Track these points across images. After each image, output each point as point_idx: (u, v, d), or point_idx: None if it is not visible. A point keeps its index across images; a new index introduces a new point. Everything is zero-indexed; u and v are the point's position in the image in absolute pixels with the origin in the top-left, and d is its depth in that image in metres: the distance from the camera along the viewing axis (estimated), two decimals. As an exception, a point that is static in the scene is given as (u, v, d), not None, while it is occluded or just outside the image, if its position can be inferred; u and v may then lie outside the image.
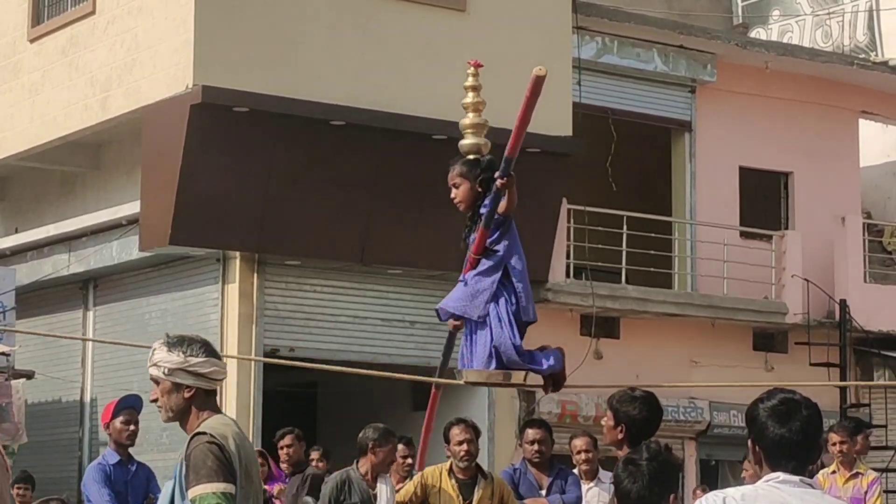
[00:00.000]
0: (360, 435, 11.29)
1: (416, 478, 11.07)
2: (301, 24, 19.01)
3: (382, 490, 10.91)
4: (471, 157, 8.24)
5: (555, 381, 8.44)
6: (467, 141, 8.35)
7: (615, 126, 22.31)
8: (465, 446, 10.84)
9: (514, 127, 7.82)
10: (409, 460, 12.92)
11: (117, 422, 11.57)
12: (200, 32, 18.44)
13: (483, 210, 7.97)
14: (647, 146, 23.21)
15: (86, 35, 20.51)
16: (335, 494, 10.92)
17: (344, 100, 18.90)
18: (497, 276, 8.02)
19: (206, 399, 6.05)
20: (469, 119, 8.43)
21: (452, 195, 8.20)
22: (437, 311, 8.25)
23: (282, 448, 14.68)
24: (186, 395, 5.88)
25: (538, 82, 7.88)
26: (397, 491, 11.09)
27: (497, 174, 7.81)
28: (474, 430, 11.13)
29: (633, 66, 22.57)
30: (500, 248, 7.96)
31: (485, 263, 8.04)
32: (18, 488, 15.08)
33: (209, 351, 6.10)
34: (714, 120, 23.23)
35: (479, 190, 8.07)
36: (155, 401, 6.15)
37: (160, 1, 19.11)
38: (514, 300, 8.05)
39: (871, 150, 25.31)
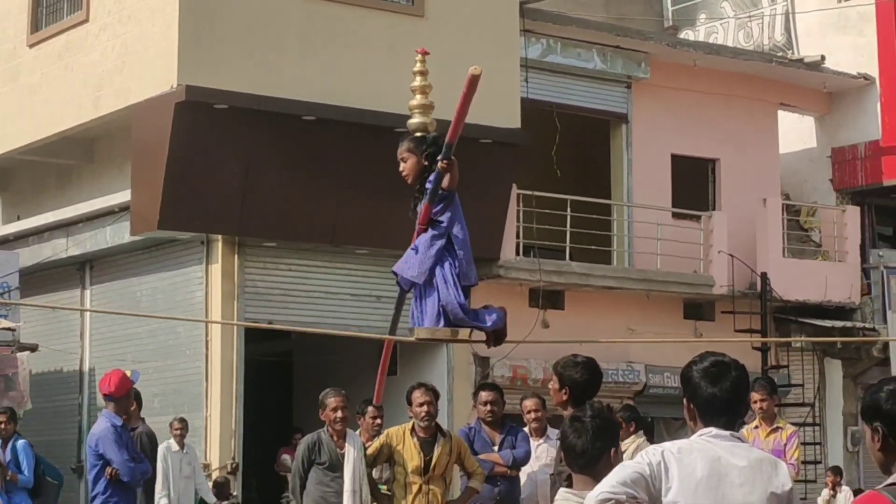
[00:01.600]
0: (322, 396, 11.38)
1: (382, 437, 11.09)
2: (275, 30, 18.97)
3: (350, 451, 10.91)
4: (418, 134, 8.28)
5: (497, 336, 8.42)
6: (415, 120, 8.39)
7: (559, 119, 22.29)
8: (425, 408, 10.85)
9: (454, 116, 7.79)
10: (378, 421, 12.92)
11: (125, 391, 11.62)
12: (184, 37, 18.38)
13: (429, 185, 8.06)
14: (587, 137, 23.22)
15: (80, 40, 20.42)
16: (307, 454, 10.94)
17: (315, 97, 18.88)
18: (441, 243, 8.04)
19: None
20: (416, 100, 8.44)
21: (401, 168, 8.26)
22: (393, 272, 8.35)
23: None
24: None
25: (474, 80, 7.93)
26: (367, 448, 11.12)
27: (439, 157, 7.86)
28: (434, 393, 11.12)
29: (574, 65, 22.56)
30: (444, 219, 7.98)
31: (430, 233, 8.07)
32: None
33: None
34: (648, 113, 23.26)
35: (426, 164, 8.12)
36: None
37: (147, 9, 19.03)
38: (456, 265, 8.07)
39: (789, 139, 25.38)
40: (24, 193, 23.08)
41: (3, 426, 14.01)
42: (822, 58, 25.30)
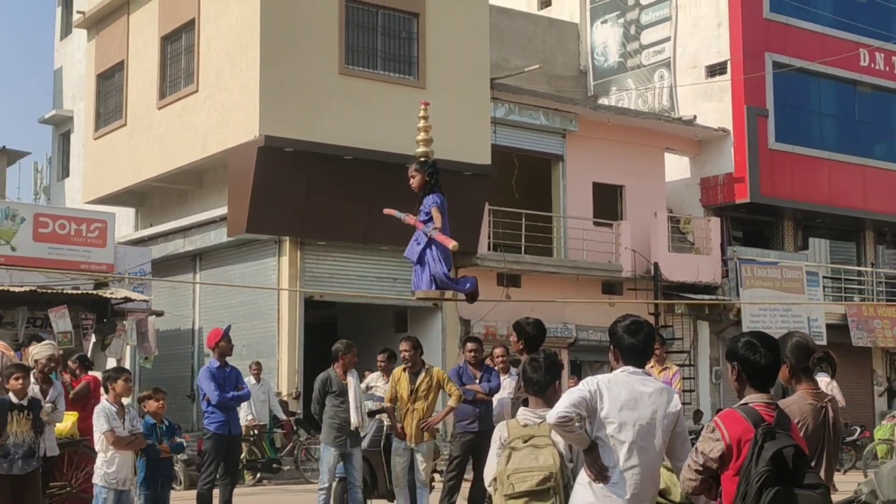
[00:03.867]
0: (333, 348, 11.19)
1: (391, 379, 11.09)
2: (324, 96, 19.00)
3: (351, 381, 10.84)
4: (422, 158, 8.52)
5: (472, 295, 8.72)
6: (420, 149, 8.64)
7: (517, 158, 22.38)
8: (406, 353, 10.86)
9: (438, 238, 8.28)
10: (383, 364, 12.80)
11: (222, 342, 11.64)
12: (263, 102, 18.43)
13: (427, 200, 8.39)
14: (536, 171, 23.21)
15: (192, 104, 20.45)
16: (321, 387, 10.90)
17: (351, 143, 18.90)
18: (425, 239, 8.33)
19: None
20: (421, 136, 8.71)
21: (410, 182, 8.47)
22: (405, 256, 8.57)
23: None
24: None
25: (454, 250, 8.31)
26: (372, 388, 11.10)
27: (433, 228, 8.27)
28: (413, 343, 11.00)
29: (527, 122, 22.57)
30: (431, 225, 8.30)
31: (422, 231, 8.38)
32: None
33: None
34: (577, 154, 23.25)
35: (426, 179, 8.40)
36: None
37: (238, 83, 19.06)
38: (439, 252, 8.32)
39: (672, 171, 25.38)
40: (154, 208, 23.09)
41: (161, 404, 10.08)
42: (694, 117, 25.36)
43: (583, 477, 4.92)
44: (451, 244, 8.29)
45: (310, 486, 15.48)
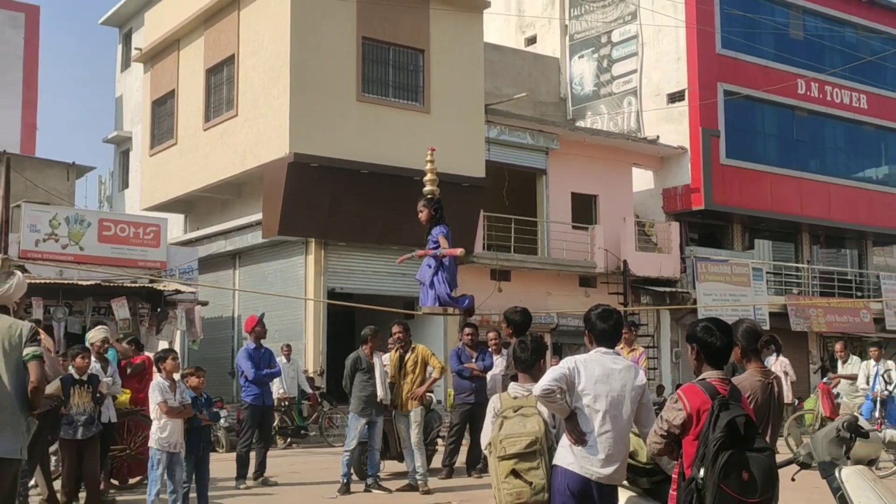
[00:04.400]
0: (362, 332, 11.17)
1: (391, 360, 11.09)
2: (344, 119, 19.00)
3: (377, 362, 10.82)
4: (429, 196, 8.79)
5: (468, 312, 9.21)
6: (427, 188, 8.87)
7: (507, 172, 22.40)
8: (398, 335, 10.94)
9: (447, 252, 8.61)
10: (399, 336, 12.83)
11: (258, 327, 11.62)
12: (292, 125, 18.40)
13: (434, 231, 8.72)
14: (523, 182, 23.21)
15: (232, 127, 20.43)
16: (352, 365, 10.90)
17: (367, 159, 18.91)
18: (437, 265, 8.66)
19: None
20: (428, 177, 8.93)
21: (419, 215, 8.78)
22: (417, 279, 8.94)
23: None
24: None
25: (460, 255, 8.69)
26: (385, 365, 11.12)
27: (448, 227, 8.70)
28: (404, 326, 11.15)
29: (515, 141, 22.53)
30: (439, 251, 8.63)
31: (432, 260, 8.70)
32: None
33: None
34: (558, 169, 23.23)
35: (433, 213, 8.68)
36: None
37: (271, 109, 19.04)
38: (446, 275, 8.57)
39: (638, 183, 25.38)
40: (201, 214, 23.06)
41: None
42: (657, 137, 25.34)
43: (564, 441, 4.94)
44: (458, 251, 8.49)
45: (332, 449, 15.49)
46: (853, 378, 14.81)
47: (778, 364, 14.10)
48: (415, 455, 10.68)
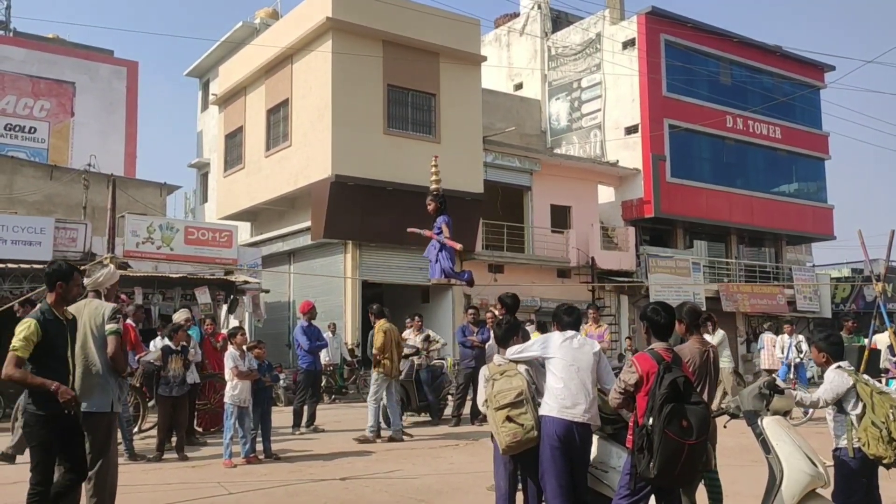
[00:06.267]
0: (369, 309, 10.92)
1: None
2: (371, 147, 18.99)
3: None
4: (434, 192, 8.63)
5: (470, 283, 8.72)
6: (433, 186, 8.71)
7: (500, 189, 22.36)
8: (417, 322, 10.83)
9: (448, 242, 8.34)
10: (419, 322, 12.77)
11: (313, 310, 11.59)
12: (334, 153, 18.42)
13: (439, 219, 8.45)
14: (513, 197, 23.19)
15: (287, 154, 20.42)
16: (363, 339, 10.95)
17: (392, 178, 18.89)
18: (437, 244, 8.43)
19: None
20: (433, 178, 8.76)
21: (428, 207, 8.55)
22: (424, 255, 8.66)
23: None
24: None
25: (461, 250, 8.41)
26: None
27: (450, 217, 8.44)
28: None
29: (506, 164, 22.47)
30: (442, 235, 8.39)
31: (436, 240, 8.47)
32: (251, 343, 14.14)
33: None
34: (539, 186, 23.18)
35: (437, 205, 8.49)
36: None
37: (318, 141, 19.06)
38: (447, 253, 8.36)
39: (602, 197, 25.31)
40: (264, 222, 23.05)
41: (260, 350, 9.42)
42: (617, 161, 25.25)
43: (546, 397, 4.98)
44: (458, 246, 8.35)
45: (366, 404, 15.46)
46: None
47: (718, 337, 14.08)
48: (395, 411, 10.50)
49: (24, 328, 4.45)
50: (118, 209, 18.53)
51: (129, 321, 10.00)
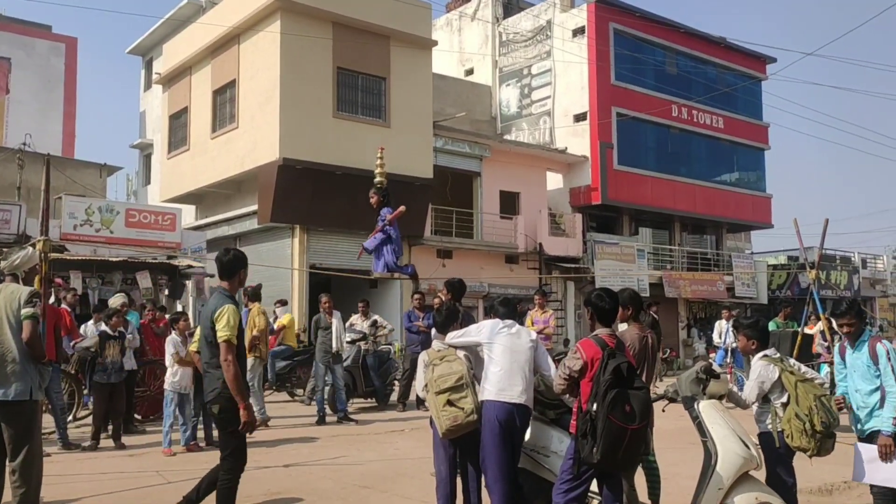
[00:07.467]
0: (319, 297, 11.05)
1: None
2: (322, 131, 18.71)
3: (333, 321, 10.77)
4: (378, 185, 8.51)
5: (413, 276, 8.84)
6: (377, 179, 8.61)
7: (450, 174, 22.30)
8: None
9: (392, 217, 8.30)
10: (366, 308, 12.74)
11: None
12: (282, 135, 18.09)
13: (383, 212, 8.39)
14: (462, 182, 23.18)
15: (234, 136, 20.00)
16: (315, 324, 10.89)
17: (341, 163, 18.65)
18: (383, 238, 8.40)
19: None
20: (378, 171, 8.66)
21: (371, 201, 8.49)
22: (363, 246, 8.52)
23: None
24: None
25: (402, 212, 8.35)
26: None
27: (387, 209, 8.35)
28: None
29: (456, 149, 22.38)
30: (387, 229, 8.38)
31: (379, 234, 8.43)
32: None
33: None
34: (489, 172, 23.20)
35: (381, 199, 8.43)
36: None
37: (266, 123, 18.69)
38: (393, 247, 8.33)
39: (551, 183, 25.46)
40: (209, 205, 22.55)
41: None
42: (566, 148, 25.44)
43: (484, 382, 4.96)
44: (401, 208, 8.28)
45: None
46: None
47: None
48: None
49: None
50: (56, 190, 17.95)
51: (64, 306, 9.67)
